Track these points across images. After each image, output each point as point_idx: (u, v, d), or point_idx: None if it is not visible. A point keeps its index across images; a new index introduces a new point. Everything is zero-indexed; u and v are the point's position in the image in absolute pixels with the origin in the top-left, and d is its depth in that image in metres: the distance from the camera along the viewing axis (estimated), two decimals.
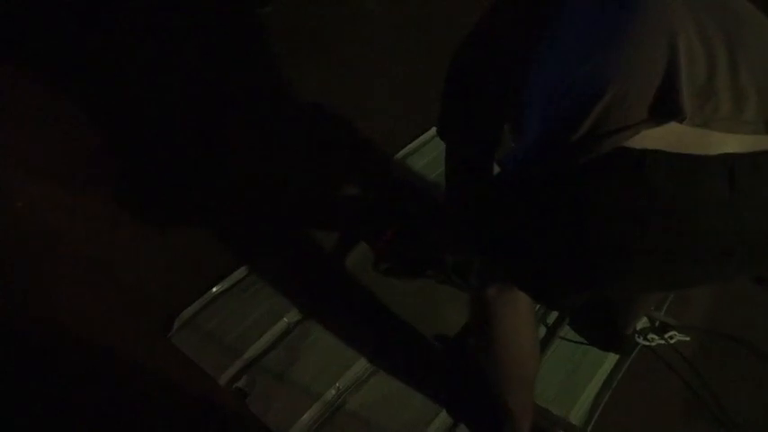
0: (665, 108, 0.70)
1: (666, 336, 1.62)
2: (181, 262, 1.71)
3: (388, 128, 2.20)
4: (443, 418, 1.44)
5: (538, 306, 1.57)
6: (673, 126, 0.71)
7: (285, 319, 1.60)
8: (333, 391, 1.47)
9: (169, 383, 1.46)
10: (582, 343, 1.61)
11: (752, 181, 0.72)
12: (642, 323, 1.65)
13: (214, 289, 1.65)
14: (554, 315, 1.66)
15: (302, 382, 1.47)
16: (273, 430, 1.39)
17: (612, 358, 1.59)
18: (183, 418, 1.41)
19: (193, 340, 1.53)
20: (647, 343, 1.61)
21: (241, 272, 1.70)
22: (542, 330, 1.64)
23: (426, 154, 2.11)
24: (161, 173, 1.98)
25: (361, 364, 1.52)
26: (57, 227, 1.75)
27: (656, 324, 1.65)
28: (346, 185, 2.01)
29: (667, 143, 0.71)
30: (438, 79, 1.14)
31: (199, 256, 1.73)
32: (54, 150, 1.96)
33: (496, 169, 1.09)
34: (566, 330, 1.63)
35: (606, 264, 0.80)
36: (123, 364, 1.48)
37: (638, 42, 0.74)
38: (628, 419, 1.46)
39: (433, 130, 1.26)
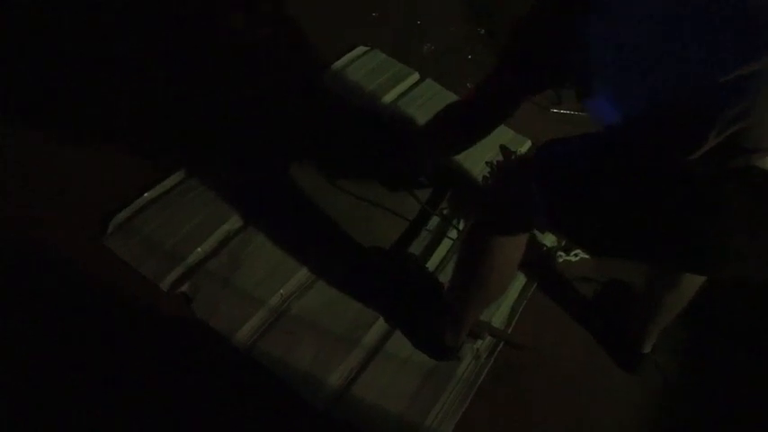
0: None
1: (572, 254, 1.83)
2: (115, 165, 1.62)
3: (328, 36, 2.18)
4: (382, 323, 1.54)
5: None
6: None
7: (225, 226, 1.58)
8: (277, 297, 1.50)
9: (106, 287, 1.41)
10: None
11: None
12: (551, 241, 1.84)
13: (146, 194, 1.58)
14: None
15: (247, 288, 1.49)
16: (220, 334, 1.41)
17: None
18: (122, 322, 1.38)
19: (130, 244, 1.48)
20: (557, 260, 1.81)
21: (175, 177, 1.64)
22: None
23: (362, 67, 2.12)
24: (97, 72, 1.85)
25: (303, 272, 1.56)
26: None
27: (563, 243, 1.85)
28: (284, 94, 1.97)
29: None
30: None
31: (134, 160, 1.64)
32: None
33: None
34: None
35: (703, 256, 0.96)
36: (55, 266, 1.40)
37: None
38: (539, 322, 1.66)
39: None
